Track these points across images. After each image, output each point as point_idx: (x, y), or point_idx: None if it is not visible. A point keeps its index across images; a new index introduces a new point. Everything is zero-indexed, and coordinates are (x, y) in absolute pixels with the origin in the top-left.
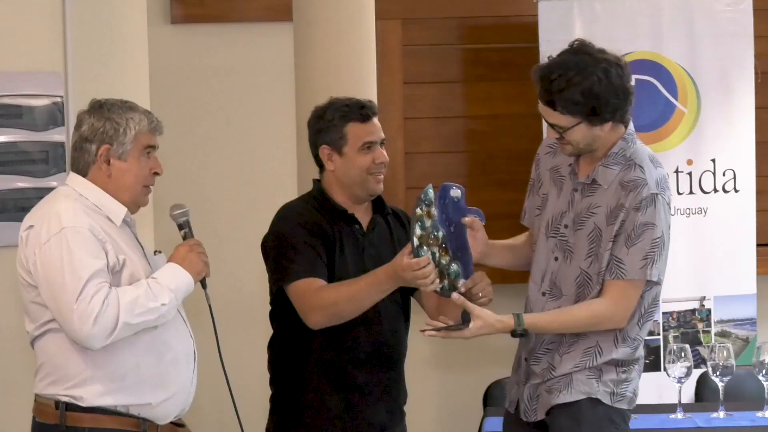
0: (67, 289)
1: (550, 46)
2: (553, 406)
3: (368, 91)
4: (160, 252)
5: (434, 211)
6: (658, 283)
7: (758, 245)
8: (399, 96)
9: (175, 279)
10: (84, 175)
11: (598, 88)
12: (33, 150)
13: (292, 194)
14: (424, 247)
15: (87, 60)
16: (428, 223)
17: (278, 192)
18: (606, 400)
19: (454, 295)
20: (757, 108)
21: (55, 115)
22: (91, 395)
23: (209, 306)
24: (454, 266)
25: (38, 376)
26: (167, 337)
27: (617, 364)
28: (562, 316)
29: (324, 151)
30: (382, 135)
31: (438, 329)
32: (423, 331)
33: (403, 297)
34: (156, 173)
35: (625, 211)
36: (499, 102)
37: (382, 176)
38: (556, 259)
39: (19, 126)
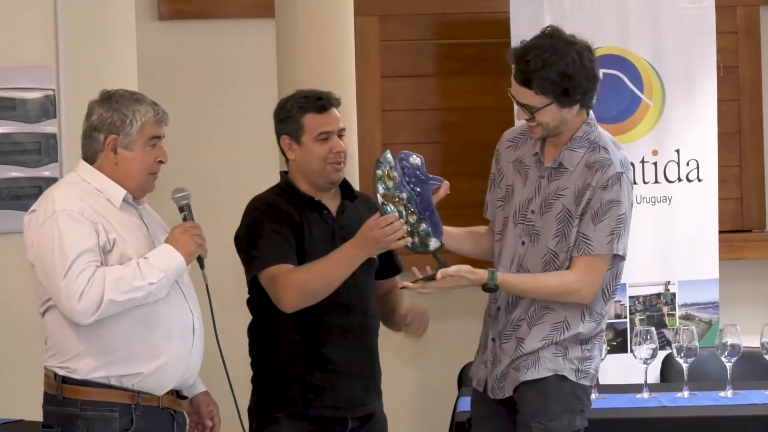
0: (56, 267)
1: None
2: (521, 383)
3: (347, 84)
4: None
5: (395, 173)
6: (622, 258)
7: (720, 232)
8: (377, 89)
9: (166, 259)
10: (93, 162)
11: (572, 69)
12: (26, 141)
13: None
14: (390, 206)
15: (77, 55)
16: (390, 184)
17: (261, 185)
18: (571, 376)
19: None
20: (719, 101)
21: (47, 108)
22: (84, 368)
23: (206, 285)
24: (423, 225)
25: (46, 348)
26: (161, 312)
27: (582, 341)
28: (533, 279)
29: (285, 141)
30: (341, 125)
31: (414, 281)
32: (402, 288)
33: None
34: (161, 161)
35: (591, 189)
36: (473, 95)
37: (341, 165)
38: (523, 243)
39: (12, 118)
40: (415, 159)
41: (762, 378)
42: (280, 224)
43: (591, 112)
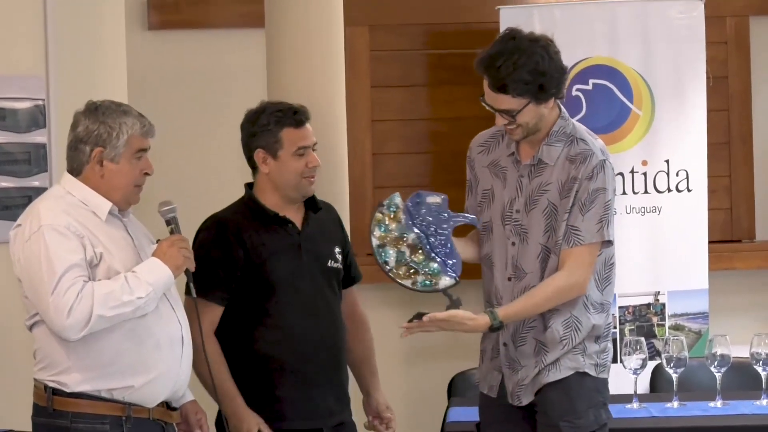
0: (44, 282)
1: None
2: (544, 385)
3: (337, 94)
4: (161, 240)
5: (402, 215)
6: (611, 244)
7: (710, 242)
8: (367, 99)
9: (154, 273)
10: (78, 174)
11: (542, 65)
12: (16, 151)
13: None
14: (387, 248)
15: (67, 64)
16: (392, 226)
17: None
18: (592, 372)
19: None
20: (708, 111)
21: (36, 118)
22: (73, 382)
23: (194, 298)
24: (433, 264)
25: (35, 361)
26: (150, 324)
27: (597, 336)
28: (529, 300)
29: (259, 154)
30: (314, 139)
31: (408, 321)
32: (404, 334)
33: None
34: (147, 174)
35: (578, 182)
36: (462, 105)
37: (314, 178)
38: (513, 243)
39: (2, 128)
40: (434, 198)
41: (751, 388)
42: (224, 251)
43: (563, 107)
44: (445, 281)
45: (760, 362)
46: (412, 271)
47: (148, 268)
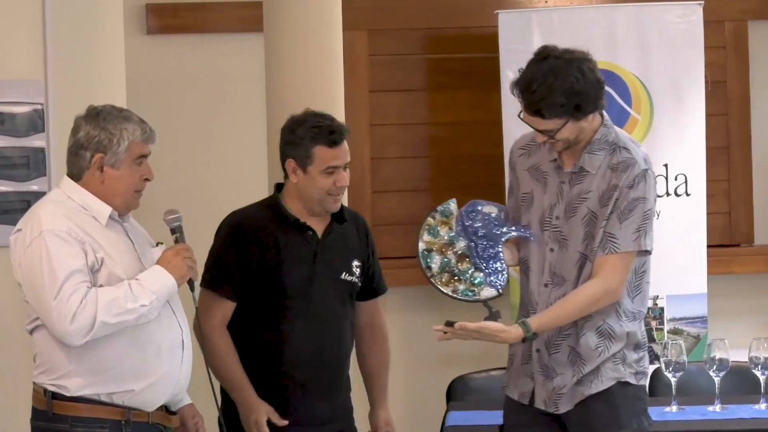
0: (46, 288)
1: (510, 55)
2: (587, 397)
3: (336, 99)
4: (161, 243)
5: (454, 222)
6: (648, 254)
7: (709, 246)
8: (365, 103)
9: (158, 281)
10: (79, 179)
11: (578, 86)
12: (14, 155)
13: None
14: (433, 253)
15: (66, 69)
16: (442, 231)
17: (250, 199)
18: (632, 380)
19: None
20: (707, 115)
21: (35, 122)
22: (74, 386)
23: (196, 308)
24: (478, 275)
25: (35, 365)
26: (151, 329)
27: (635, 345)
28: (561, 310)
29: (290, 164)
30: (348, 159)
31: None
32: (439, 338)
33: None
34: (147, 179)
35: (618, 190)
36: (461, 109)
37: (340, 197)
38: (552, 250)
39: (0, 132)
40: (491, 207)
41: (750, 392)
42: (240, 249)
43: (605, 113)
44: (487, 292)
45: (759, 366)
46: (455, 279)
47: (152, 276)
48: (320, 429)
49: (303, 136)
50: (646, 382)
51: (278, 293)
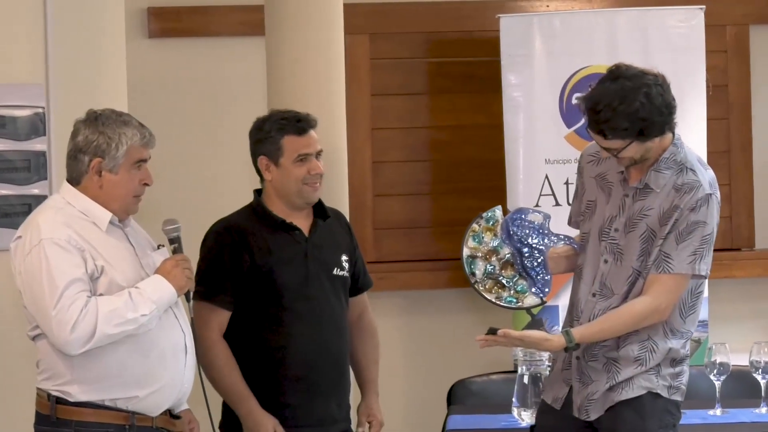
0: (45, 297)
1: (511, 59)
2: (616, 403)
3: (337, 102)
4: (162, 246)
5: (499, 229)
6: (704, 278)
7: None
8: (367, 107)
9: (158, 291)
10: (78, 183)
11: (642, 112)
12: (16, 159)
13: None
14: (477, 260)
15: (68, 72)
16: (487, 238)
17: (249, 201)
18: (664, 393)
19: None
20: (708, 119)
21: (36, 126)
22: (77, 392)
23: (191, 318)
24: (522, 282)
25: (38, 370)
26: (154, 335)
27: (673, 360)
28: (606, 323)
29: (262, 161)
30: (318, 147)
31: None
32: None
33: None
34: (146, 184)
35: (679, 211)
36: (463, 113)
37: (318, 185)
38: (606, 261)
39: (2, 135)
40: (536, 215)
41: (751, 396)
42: (230, 256)
43: (677, 132)
44: (531, 300)
45: (760, 370)
46: (499, 285)
47: (153, 285)
48: (327, 428)
49: (270, 129)
50: (680, 399)
51: (274, 295)
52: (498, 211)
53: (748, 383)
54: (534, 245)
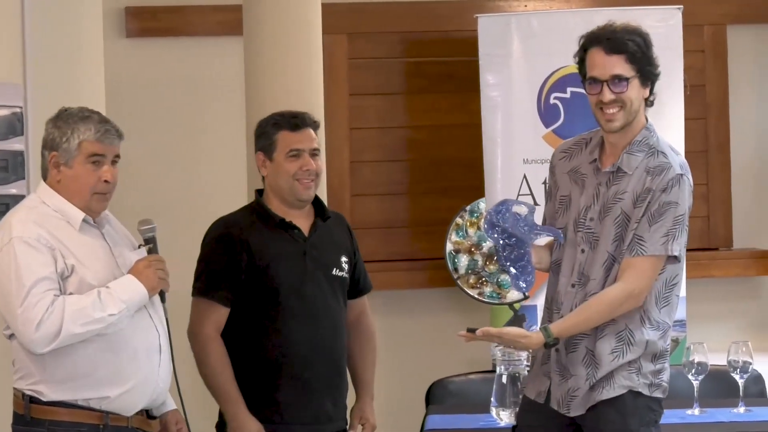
0: (12, 295)
1: (489, 59)
2: (598, 402)
3: (315, 102)
4: (143, 245)
5: (483, 223)
6: (676, 260)
7: (687, 250)
8: (345, 107)
9: (128, 291)
10: (45, 179)
11: (646, 46)
12: None
13: (241, 202)
14: (460, 254)
15: (45, 72)
16: (472, 232)
17: (228, 201)
18: (645, 391)
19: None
20: (686, 119)
21: (14, 125)
22: (49, 392)
23: (166, 319)
24: (504, 277)
25: (13, 369)
26: (126, 334)
27: (653, 355)
28: (582, 314)
29: (259, 157)
30: (314, 145)
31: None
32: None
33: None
34: (106, 181)
35: (651, 193)
36: (441, 113)
37: (311, 183)
38: (583, 251)
39: None
40: (520, 207)
41: (729, 396)
42: (228, 254)
43: (649, 119)
44: (513, 295)
45: (738, 370)
46: (481, 281)
47: (123, 285)
48: (322, 427)
49: (266, 125)
50: (662, 395)
51: (271, 293)
52: (481, 204)
53: (726, 383)
54: (518, 236)
